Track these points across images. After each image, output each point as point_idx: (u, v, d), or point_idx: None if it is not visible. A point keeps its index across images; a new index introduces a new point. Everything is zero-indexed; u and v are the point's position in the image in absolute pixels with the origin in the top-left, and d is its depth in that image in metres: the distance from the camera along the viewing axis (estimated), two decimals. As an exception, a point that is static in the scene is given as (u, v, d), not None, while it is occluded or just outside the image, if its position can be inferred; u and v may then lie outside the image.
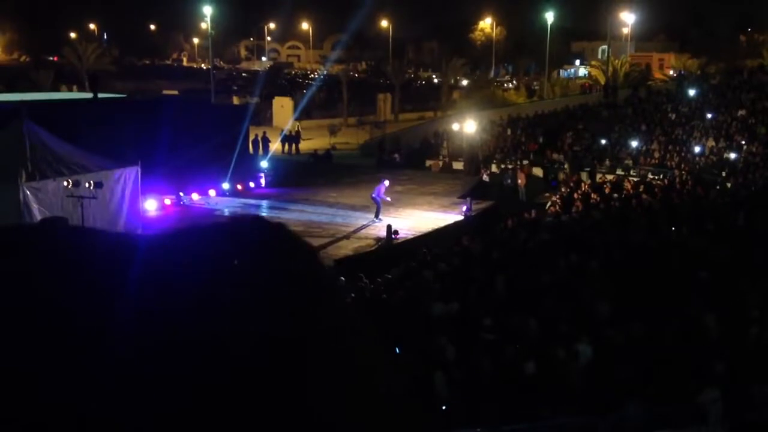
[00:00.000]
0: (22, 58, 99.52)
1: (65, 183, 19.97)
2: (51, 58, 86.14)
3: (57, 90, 58.62)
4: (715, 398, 9.42)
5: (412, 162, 40.39)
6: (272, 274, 0.68)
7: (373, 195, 25.58)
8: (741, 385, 9.89)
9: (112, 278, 0.60)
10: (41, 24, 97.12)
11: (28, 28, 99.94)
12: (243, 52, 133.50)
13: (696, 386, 9.73)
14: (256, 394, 0.56)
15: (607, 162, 37.23)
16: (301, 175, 34.39)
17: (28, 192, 19.37)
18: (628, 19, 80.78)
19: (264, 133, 40.91)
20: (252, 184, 31.22)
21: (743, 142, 37.64)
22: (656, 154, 38.26)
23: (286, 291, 0.67)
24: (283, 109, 57.04)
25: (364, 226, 25.04)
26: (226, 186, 29.82)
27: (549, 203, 28.41)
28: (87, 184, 20.09)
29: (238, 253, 0.65)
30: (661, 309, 12.96)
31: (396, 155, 41.88)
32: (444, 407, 10.55)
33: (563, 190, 30.19)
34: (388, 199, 25.80)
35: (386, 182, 25.87)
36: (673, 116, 44.31)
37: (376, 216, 25.55)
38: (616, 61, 66.78)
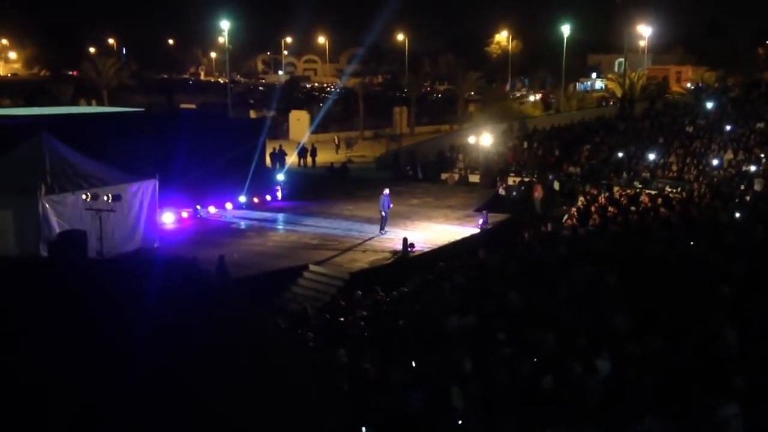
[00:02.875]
0: (42, 73, 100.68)
1: (84, 196, 20.14)
2: (70, 73, 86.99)
3: (76, 104, 59.17)
4: (735, 413, 9.30)
5: (428, 175, 40.39)
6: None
7: (381, 207, 25.61)
8: (761, 400, 9.77)
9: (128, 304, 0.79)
10: (61, 39, 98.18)
11: (47, 43, 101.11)
12: (260, 66, 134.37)
13: (716, 401, 9.62)
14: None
15: (625, 175, 37.04)
16: (318, 188, 34.46)
17: (47, 205, 19.55)
18: (644, 31, 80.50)
19: (280, 146, 41.11)
20: (268, 197, 31.33)
21: (762, 155, 37.32)
22: (674, 167, 38.01)
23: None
24: (299, 123, 57.30)
25: (379, 239, 25.05)
26: (242, 199, 29.94)
27: (566, 216, 28.28)
28: (105, 197, 20.25)
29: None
30: (680, 323, 12.84)
31: (408, 167, 41.84)
32: (460, 421, 10.49)
33: (580, 202, 30.05)
34: (390, 205, 25.91)
35: (386, 191, 26.00)
36: (691, 129, 44.04)
37: (381, 228, 25.58)
38: (633, 73, 66.55)
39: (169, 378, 0.68)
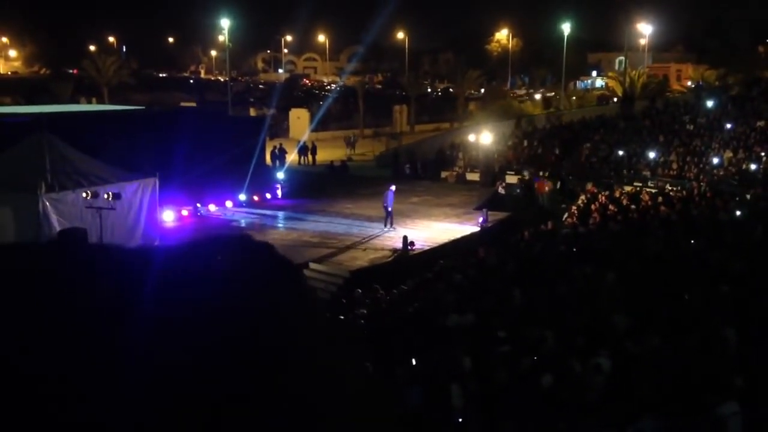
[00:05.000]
0: (42, 71, 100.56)
1: (84, 194, 20.14)
2: (70, 71, 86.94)
3: (76, 102, 59.15)
4: (733, 412, 9.32)
5: (428, 173, 40.40)
6: (257, 289, 0.76)
7: (386, 204, 25.61)
8: (760, 399, 9.79)
9: (127, 292, 0.69)
10: (61, 37, 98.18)
11: (48, 41, 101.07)
12: (260, 64, 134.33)
13: (714, 399, 9.63)
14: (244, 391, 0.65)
15: (625, 173, 37.07)
16: (318, 186, 34.46)
17: (47, 203, 19.55)
18: (645, 30, 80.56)
19: (280, 144, 41.14)
20: (268, 195, 31.33)
21: (762, 154, 37.36)
22: (674, 166, 38.05)
23: (268, 303, 0.75)
24: (299, 121, 57.30)
25: (379, 237, 25.06)
26: (242, 197, 29.94)
27: (566, 214, 28.29)
28: (106, 195, 20.26)
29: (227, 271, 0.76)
30: (679, 321, 12.86)
31: (408, 165, 41.68)
32: (460, 419, 10.50)
33: (580, 201, 30.05)
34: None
35: (393, 187, 26.02)
36: (691, 127, 44.07)
37: (391, 225, 25.59)
38: (634, 72, 66.55)
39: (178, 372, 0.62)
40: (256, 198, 30.55)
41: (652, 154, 39.14)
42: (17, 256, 0.76)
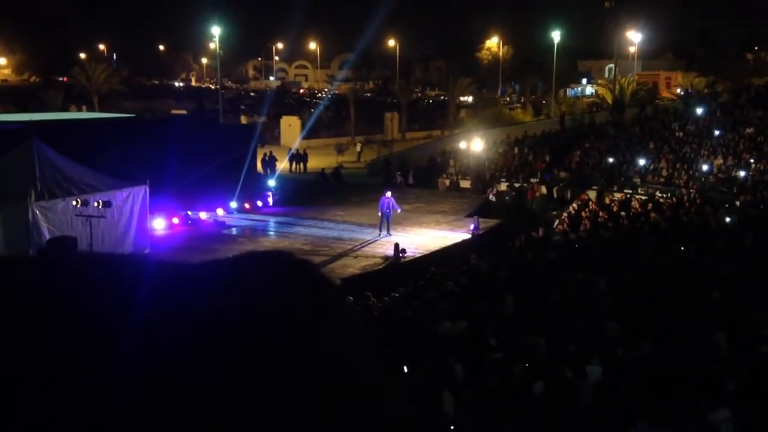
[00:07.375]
0: (32, 79, 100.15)
1: (74, 202, 20.06)
2: (60, 79, 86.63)
3: (66, 110, 58.97)
4: (725, 417, 9.33)
5: (419, 181, 40.44)
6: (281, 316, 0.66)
7: (388, 210, 25.59)
8: (752, 405, 9.81)
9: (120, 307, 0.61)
10: (51, 45, 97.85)
11: (38, 48, 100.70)
12: (251, 72, 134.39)
13: (706, 405, 9.65)
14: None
15: (615, 180, 37.22)
16: (309, 193, 34.44)
17: (37, 211, 19.45)
18: (634, 38, 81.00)
19: (271, 152, 41.10)
20: (260, 203, 31.27)
21: (752, 161, 37.58)
22: (664, 173, 38.21)
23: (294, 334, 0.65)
24: (290, 128, 57.32)
25: (371, 245, 25.03)
26: (233, 205, 29.87)
27: (557, 221, 28.36)
28: (96, 204, 20.18)
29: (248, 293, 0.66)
30: (670, 327, 12.89)
31: (400, 172, 41.52)
32: (452, 427, 10.48)
33: (571, 208, 30.15)
34: (394, 209, 25.95)
35: (388, 193, 26.07)
36: (681, 134, 44.30)
37: (386, 231, 25.58)
38: (623, 79, 66.86)
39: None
40: (247, 206, 30.47)
41: (642, 161, 39.31)
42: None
